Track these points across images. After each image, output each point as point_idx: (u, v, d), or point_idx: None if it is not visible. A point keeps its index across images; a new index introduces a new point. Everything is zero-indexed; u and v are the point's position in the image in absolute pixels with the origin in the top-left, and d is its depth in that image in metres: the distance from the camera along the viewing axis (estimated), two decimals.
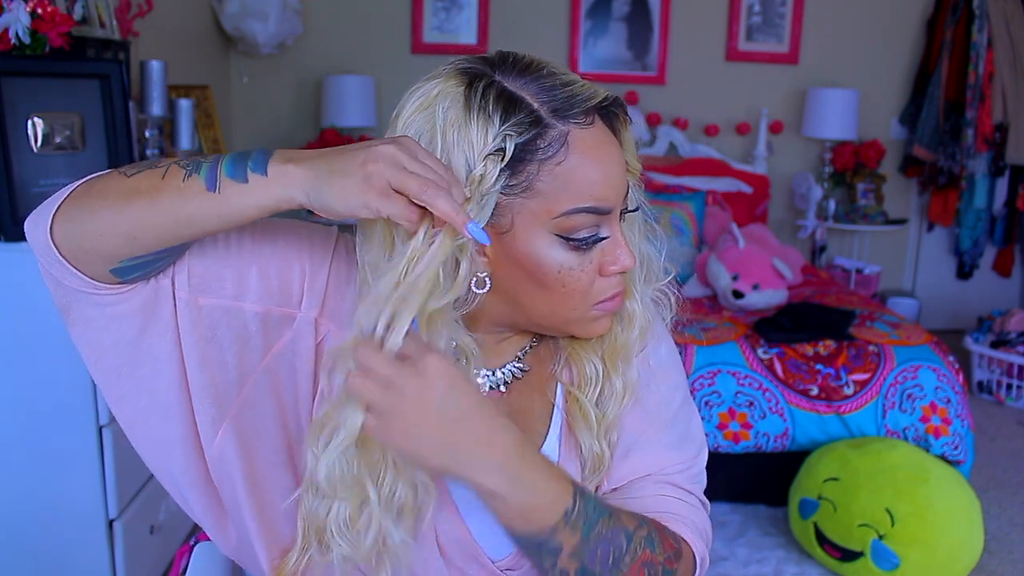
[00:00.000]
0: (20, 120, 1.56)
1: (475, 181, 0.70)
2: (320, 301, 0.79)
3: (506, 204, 0.72)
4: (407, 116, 0.73)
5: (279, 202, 0.67)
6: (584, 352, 0.84)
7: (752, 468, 2.47)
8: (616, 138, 0.77)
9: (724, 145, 4.04)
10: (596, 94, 0.74)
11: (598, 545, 0.72)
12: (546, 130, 0.71)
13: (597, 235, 0.75)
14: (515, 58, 0.75)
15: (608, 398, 0.84)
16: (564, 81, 0.73)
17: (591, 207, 0.73)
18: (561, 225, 0.73)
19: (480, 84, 0.72)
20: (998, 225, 4.16)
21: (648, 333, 0.87)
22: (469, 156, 0.70)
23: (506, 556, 0.83)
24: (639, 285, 0.84)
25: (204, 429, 0.78)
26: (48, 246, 0.70)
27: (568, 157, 0.72)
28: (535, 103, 0.72)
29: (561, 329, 0.80)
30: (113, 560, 1.70)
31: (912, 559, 2.00)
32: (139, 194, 0.68)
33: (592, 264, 0.76)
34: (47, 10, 1.59)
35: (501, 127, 0.70)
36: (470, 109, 0.71)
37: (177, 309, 0.75)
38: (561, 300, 0.76)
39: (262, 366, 0.78)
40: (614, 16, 3.95)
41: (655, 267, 0.87)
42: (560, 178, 0.72)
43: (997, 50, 3.87)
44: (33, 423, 1.59)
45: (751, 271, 2.88)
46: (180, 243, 0.71)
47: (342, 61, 3.85)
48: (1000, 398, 3.43)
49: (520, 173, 0.72)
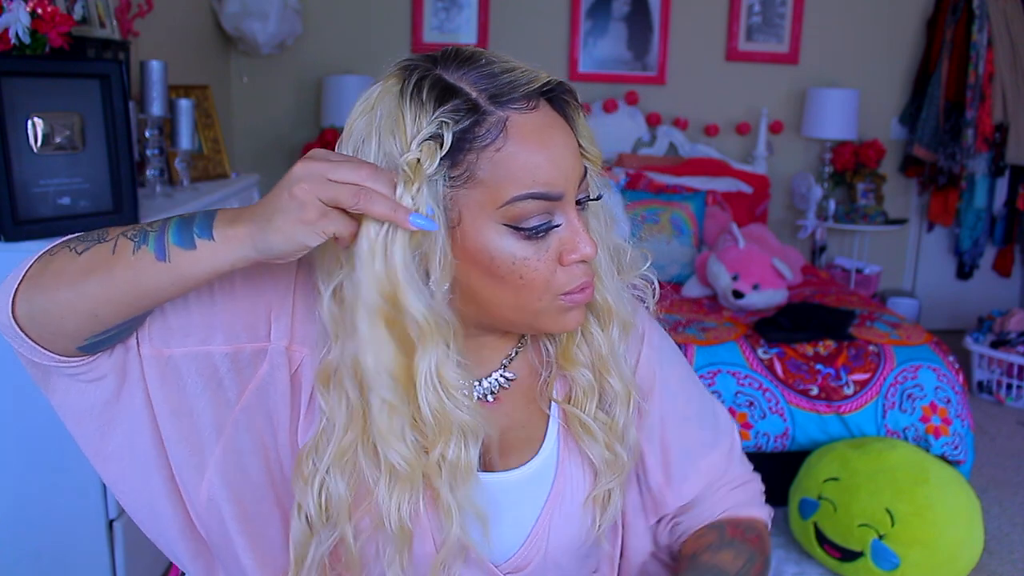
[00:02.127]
0: (20, 120, 1.56)
1: (411, 165, 0.68)
2: (288, 329, 0.78)
3: (451, 196, 0.71)
4: (352, 120, 0.73)
5: (233, 264, 0.67)
6: (570, 364, 0.83)
7: (752, 468, 2.47)
8: (566, 123, 0.75)
9: (724, 145, 4.04)
10: (537, 78, 0.72)
11: None
12: (484, 117, 0.70)
13: (549, 223, 0.73)
14: (457, 51, 0.73)
15: (612, 402, 0.83)
16: (504, 68, 0.72)
17: (537, 192, 0.71)
18: (508, 214, 0.71)
19: (415, 75, 0.71)
20: (998, 225, 4.16)
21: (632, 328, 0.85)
22: (402, 143, 0.69)
23: (510, 558, 0.82)
24: (609, 277, 0.82)
25: (186, 478, 0.78)
26: (13, 328, 0.71)
27: (507, 143, 0.70)
28: (473, 91, 0.70)
29: (532, 325, 0.77)
30: (113, 560, 1.70)
31: (912, 559, 2.00)
32: (92, 273, 0.68)
33: (549, 253, 0.73)
34: (47, 10, 1.59)
35: (434, 114, 0.68)
36: (404, 99, 0.70)
37: (143, 365, 0.75)
38: (522, 293, 0.74)
39: (239, 406, 0.77)
40: (614, 16, 3.95)
41: (628, 258, 0.85)
42: (501, 165, 0.70)
43: (997, 50, 3.87)
44: (33, 423, 1.59)
45: (751, 271, 2.88)
46: (140, 313, 0.71)
47: (342, 61, 3.85)
48: (1000, 398, 3.43)
49: (460, 163, 0.70)
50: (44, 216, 1.60)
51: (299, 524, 0.77)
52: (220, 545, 0.81)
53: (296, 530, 0.78)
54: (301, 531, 0.78)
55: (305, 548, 0.78)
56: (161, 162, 2.22)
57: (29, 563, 1.67)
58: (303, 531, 0.77)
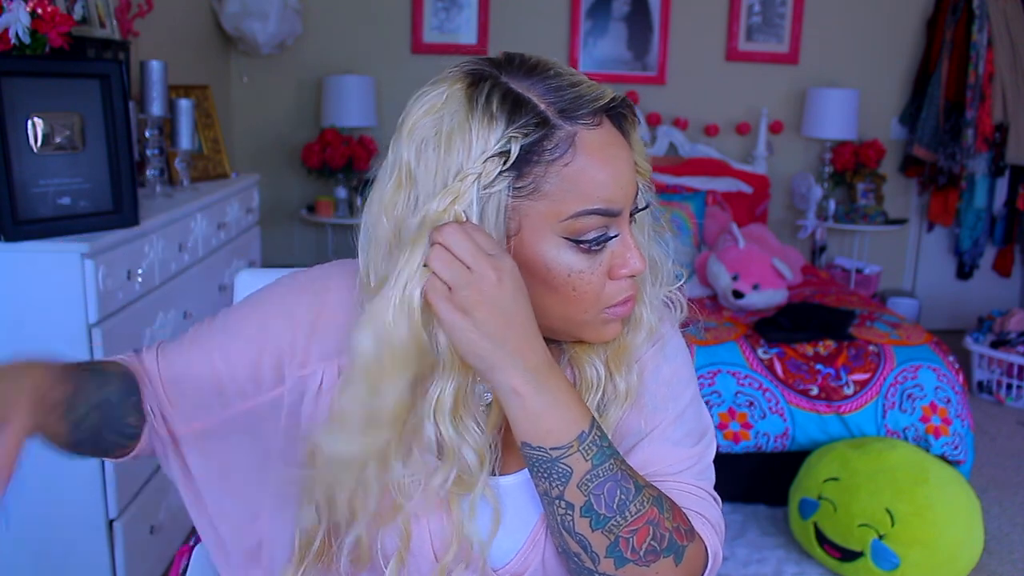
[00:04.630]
0: (20, 120, 1.56)
1: (468, 178, 0.69)
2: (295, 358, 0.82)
3: (513, 207, 0.72)
4: (413, 121, 0.73)
5: None
6: (586, 355, 0.84)
7: (752, 468, 2.47)
8: (625, 139, 0.76)
9: (724, 145, 4.04)
10: (604, 94, 0.73)
11: (606, 482, 0.72)
12: (553, 131, 0.71)
13: (606, 234, 0.74)
14: (521, 59, 0.74)
15: (610, 401, 0.83)
16: (571, 82, 0.73)
17: (599, 209, 0.72)
18: (569, 227, 0.72)
19: (485, 86, 0.71)
20: (998, 225, 4.16)
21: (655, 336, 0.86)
22: (468, 157, 0.70)
23: (509, 562, 0.82)
24: (648, 289, 0.84)
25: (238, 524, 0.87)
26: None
27: (575, 158, 0.71)
28: (542, 104, 0.71)
29: (573, 333, 0.79)
30: (113, 560, 1.70)
31: (912, 559, 2.00)
32: None
33: (602, 267, 0.75)
34: (47, 10, 1.59)
35: (507, 129, 0.69)
36: (473, 111, 0.70)
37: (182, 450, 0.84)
38: (572, 304, 0.75)
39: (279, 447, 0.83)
40: (614, 16, 3.95)
41: (665, 270, 0.87)
42: (568, 180, 0.71)
43: (997, 50, 3.86)
44: None
45: (751, 271, 2.88)
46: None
47: (342, 61, 3.85)
48: (1000, 398, 3.43)
49: (527, 175, 0.71)
50: (44, 216, 1.60)
51: (309, 511, 0.79)
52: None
53: (305, 517, 0.79)
54: (310, 518, 0.79)
55: (312, 535, 0.79)
56: (161, 162, 2.22)
57: (29, 563, 1.67)
58: (312, 519, 0.79)
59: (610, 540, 0.73)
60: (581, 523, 0.73)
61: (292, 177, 3.97)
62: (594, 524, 0.72)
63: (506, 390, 0.70)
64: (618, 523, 0.72)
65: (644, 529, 0.73)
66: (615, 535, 0.72)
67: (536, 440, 0.71)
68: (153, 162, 2.17)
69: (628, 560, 0.73)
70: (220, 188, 2.44)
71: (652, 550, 0.74)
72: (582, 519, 0.72)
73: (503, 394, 0.71)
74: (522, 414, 0.71)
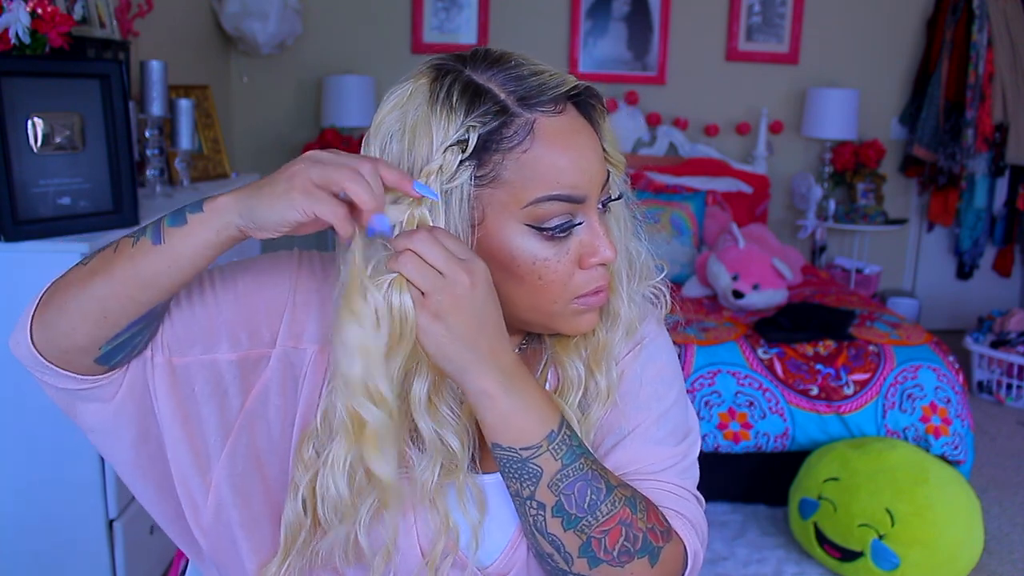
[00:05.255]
0: (20, 120, 1.56)
1: (432, 172, 0.70)
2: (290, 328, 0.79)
3: (476, 195, 0.72)
4: (380, 117, 0.74)
5: (218, 232, 0.68)
6: (567, 354, 0.83)
7: (752, 468, 2.47)
8: (591, 127, 0.76)
9: (724, 145, 4.04)
10: (565, 82, 0.74)
11: (576, 481, 0.72)
12: (512, 119, 0.71)
13: (570, 221, 0.74)
14: (487, 52, 0.75)
15: (592, 399, 0.83)
16: (533, 71, 0.73)
17: (560, 195, 0.72)
18: (532, 214, 0.72)
19: (447, 78, 0.72)
20: (998, 225, 4.16)
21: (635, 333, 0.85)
22: (429, 148, 0.71)
23: (494, 561, 0.82)
24: (625, 283, 0.83)
25: (193, 486, 0.79)
26: (34, 356, 0.73)
27: (533, 145, 0.71)
28: (502, 93, 0.72)
29: (546, 325, 0.79)
30: (113, 560, 1.70)
31: (912, 559, 2.00)
32: (96, 274, 0.70)
33: (569, 255, 0.75)
34: (47, 10, 1.59)
35: (465, 119, 0.70)
36: (434, 102, 0.71)
37: (155, 373, 0.77)
38: (539, 293, 0.75)
39: (244, 411, 0.79)
40: (614, 16, 3.95)
41: (643, 265, 0.86)
42: (527, 166, 0.71)
43: (997, 50, 3.87)
44: (33, 422, 1.59)
45: (751, 271, 2.88)
46: (147, 309, 0.71)
47: (342, 61, 3.85)
48: (1000, 398, 3.43)
49: (486, 163, 0.71)
50: (44, 216, 1.60)
51: (294, 506, 0.78)
52: (223, 549, 0.81)
53: (290, 512, 0.78)
54: (295, 514, 0.78)
55: (297, 532, 0.78)
56: (161, 162, 2.22)
57: (29, 563, 1.67)
58: (298, 514, 0.78)
59: (582, 540, 0.73)
60: (553, 523, 0.73)
61: None
62: (566, 524, 0.73)
63: (477, 392, 0.71)
64: (589, 523, 0.72)
65: (616, 529, 0.73)
66: (587, 535, 0.73)
67: (507, 441, 0.72)
68: (153, 162, 2.17)
69: (601, 560, 0.73)
70: (220, 188, 2.44)
71: (625, 551, 0.74)
72: (553, 519, 0.73)
73: (474, 396, 0.71)
74: (493, 415, 0.71)
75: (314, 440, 0.77)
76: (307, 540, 0.78)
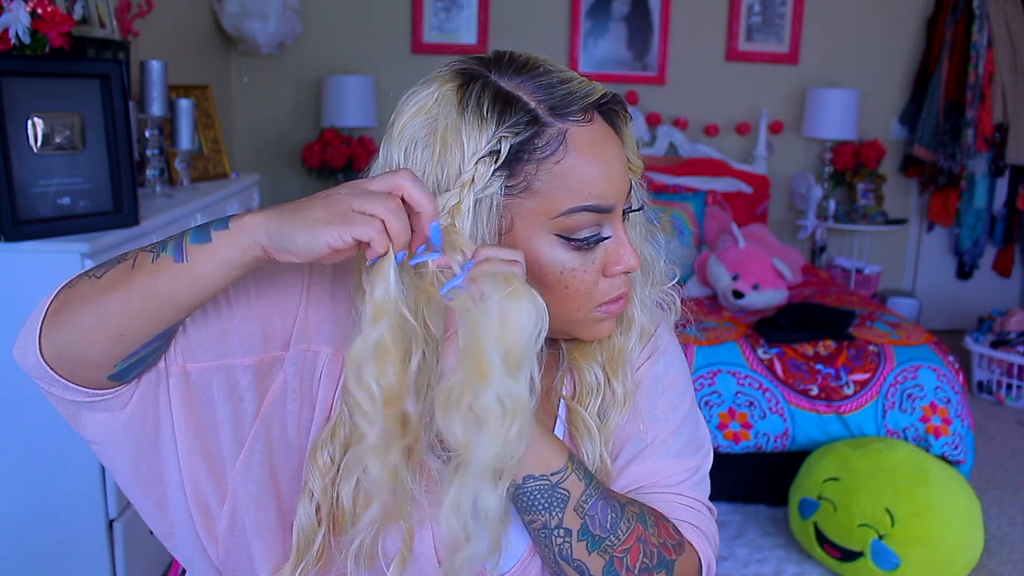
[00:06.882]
0: (20, 120, 1.56)
1: (466, 184, 0.69)
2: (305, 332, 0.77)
3: (505, 205, 0.72)
4: (403, 122, 0.73)
5: (243, 251, 0.65)
6: (585, 360, 0.84)
7: (752, 468, 2.47)
8: (616, 135, 0.76)
9: (724, 145, 4.04)
10: (594, 91, 0.73)
11: (598, 500, 0.73)
12: (544, 129, 0.71)
13: (599, 235, 0.74)
14: (511, 56, 0.74)
15: (610, 406, 0.83)
16: (561, 79, 0.73)
17: (591, 205, 0.72)
18: (561, 225, 0.72)
19: (475, 85, 0.71)
20: (998, 225, 4.16)
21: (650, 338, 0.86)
22: (462, 159, 0.69)
23: (511, 568, 0.82)
24: (639, 288, 0.83)
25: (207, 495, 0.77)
26: (43, 368, 0.69)
27: (566, 155, 0.71)
28: (532, 102, 0.71)
29: (566, 331, 0.79)
30: (113, 560, 1.70)
31: (912, 559, 2.00)
32: (113, 290, 0.67)
33: (595, 264, 0.75)
34: (47, 10, 1.59)
35: (497, 129, 0.69)
36: (464, 111, 0.70)
37: (169, 382, 0.75)
38: (564, 302, 0.75)
39: (259, 418, 0.77)
40: (614, 16, 3.95)
41: (657, 270, 0.86)
42: (559, 177, 0.71)
43: (997, 50, 3.86)
44: (33, 423, 1.59)
45: (751, 271, 2.88)
46: (165, 327, 0.69)
47: (342, 61, 3.85)
48: (1000, 398, 3.43)
49: (518, 173, 0.71)
50: (44, 216, 1.60)
51: (308, 512, 0.76)
52: (235, 556, 0.80)
53: (303, 517, 0.77)
54: (308, 519, 0.77)
55: (310, 537, 0.77)
56: (161, 162, 2.22)
57: (29, 563, 1.67)
58: (311, 519, 0.76)
59: (605, 560, 0.73)
60: (578, 548, 0.73)
61: (292, 177, 3.97)
62: (591, 546, 0.73)
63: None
64: (612, 543, 0.73)
65: (636, 547, 0.74)
66: (610, 554, 0.73)
67: (539, 470, 0.72)
68: (153, 162, 2.17)
69: None
70: (220, 188, 2.44)
71: (645, 568, 0.74)
72: (579, 543, 0.73)
73: None
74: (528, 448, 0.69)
75: (328, 447, 0.76)
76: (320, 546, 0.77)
